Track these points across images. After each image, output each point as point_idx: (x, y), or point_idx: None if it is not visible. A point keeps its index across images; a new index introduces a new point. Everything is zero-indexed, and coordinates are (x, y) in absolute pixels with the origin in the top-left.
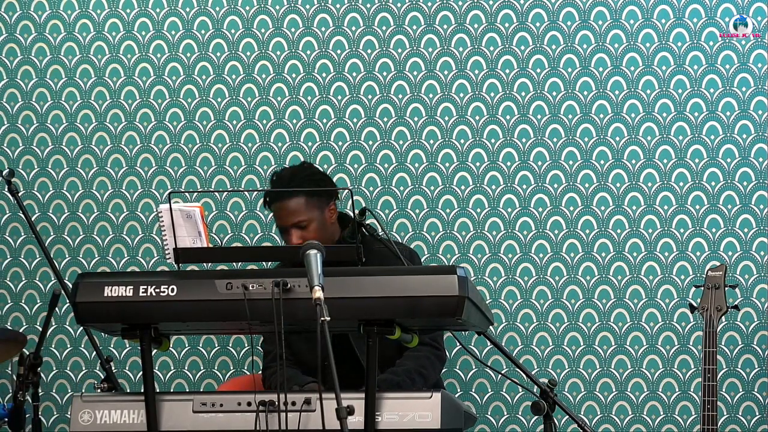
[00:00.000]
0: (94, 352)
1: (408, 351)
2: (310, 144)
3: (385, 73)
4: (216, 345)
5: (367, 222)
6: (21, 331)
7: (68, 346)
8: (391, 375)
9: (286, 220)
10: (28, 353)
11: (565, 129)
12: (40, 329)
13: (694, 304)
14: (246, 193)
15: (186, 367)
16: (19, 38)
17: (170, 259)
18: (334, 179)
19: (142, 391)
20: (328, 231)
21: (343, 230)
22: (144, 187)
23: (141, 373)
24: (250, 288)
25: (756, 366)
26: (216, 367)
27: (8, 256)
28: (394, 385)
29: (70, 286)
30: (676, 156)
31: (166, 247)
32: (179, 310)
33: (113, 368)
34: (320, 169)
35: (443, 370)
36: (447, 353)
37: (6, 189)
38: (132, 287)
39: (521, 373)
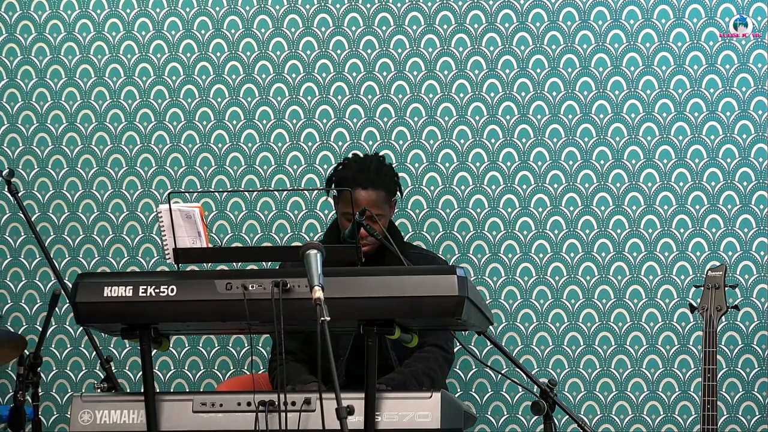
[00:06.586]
0: (94, 352)
1: (417, 352)
2: (310, 144)
3: (385, 73)
4: (216, 345)
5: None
6: (21, 331)
7: (68, 346)
8: (397, 375)
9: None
10: (28, 353)
11: (565, 129)
12: (40, 329)
13: (694, 304)
14: (246, 193)
15: (186, 367)
16: (19, 38)
17: (170, 259)
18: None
19: (142, 391)
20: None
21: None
22: (144, 187)
23: (141, 373)
24: (250, 288)
25: (756, 366)
26: (216, 367)
27: (8, 256)
28: (400, 384)
29: (70, 286)
30: (676, 156)
31: (165, 247)
32: (179, 310)
33: (113, 368)
34: None
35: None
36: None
37: (6, 189)
38: (132, 287)
39: (521, 373)
